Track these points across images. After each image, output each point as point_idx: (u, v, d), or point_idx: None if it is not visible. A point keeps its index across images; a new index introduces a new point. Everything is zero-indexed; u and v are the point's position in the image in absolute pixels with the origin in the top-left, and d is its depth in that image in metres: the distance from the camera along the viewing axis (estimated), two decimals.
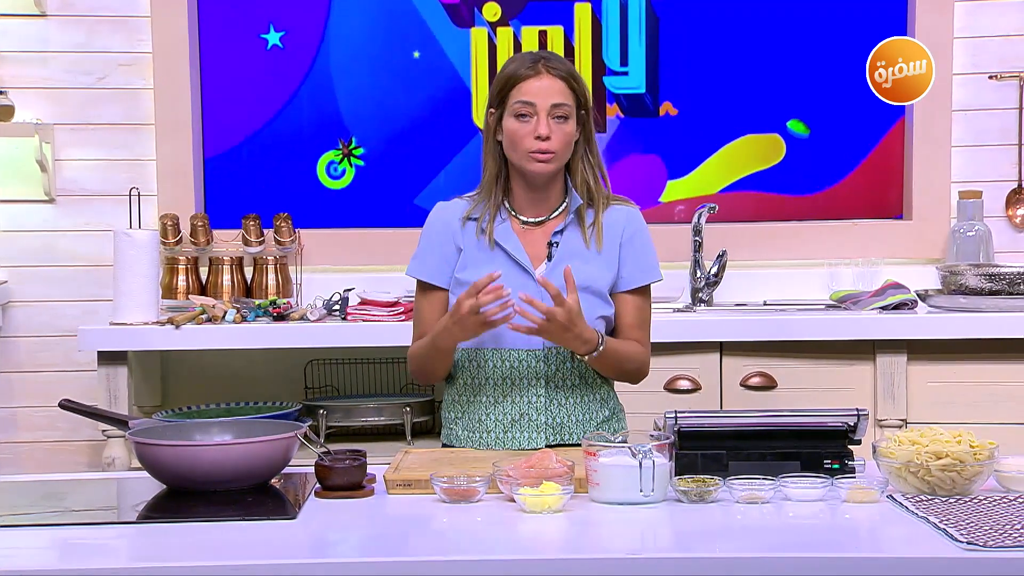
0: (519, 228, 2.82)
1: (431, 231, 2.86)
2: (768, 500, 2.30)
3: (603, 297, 2.80)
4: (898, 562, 2.03)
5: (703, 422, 2.47)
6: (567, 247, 2.80)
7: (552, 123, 2.74)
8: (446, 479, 2.35)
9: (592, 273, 2.78)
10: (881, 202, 4.40)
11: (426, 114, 4.32)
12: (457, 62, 4.35)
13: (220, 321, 3.85)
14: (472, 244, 2.81)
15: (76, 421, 3.98)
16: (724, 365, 3.81)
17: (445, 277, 2.82)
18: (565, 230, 2.81)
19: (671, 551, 2.12)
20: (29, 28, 4.20)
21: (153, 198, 4.22)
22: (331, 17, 4.32)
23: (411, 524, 2.26)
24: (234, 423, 2.68)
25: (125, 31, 4.22)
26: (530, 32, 4.34)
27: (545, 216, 2.83)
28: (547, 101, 2.74)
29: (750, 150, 4.39)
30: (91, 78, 4.22)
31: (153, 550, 2.15)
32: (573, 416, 2.79)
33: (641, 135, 4.37)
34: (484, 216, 2.81)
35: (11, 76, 4.18)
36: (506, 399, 2.77)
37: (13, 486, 2.61)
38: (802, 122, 4.38)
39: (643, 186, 4.39)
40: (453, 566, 2.04)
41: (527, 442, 2.76)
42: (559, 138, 2.74)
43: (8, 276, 4.21)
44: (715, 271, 4.18)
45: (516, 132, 2.75)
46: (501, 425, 2.78)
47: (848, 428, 2.47)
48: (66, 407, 2.69)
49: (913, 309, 3.90)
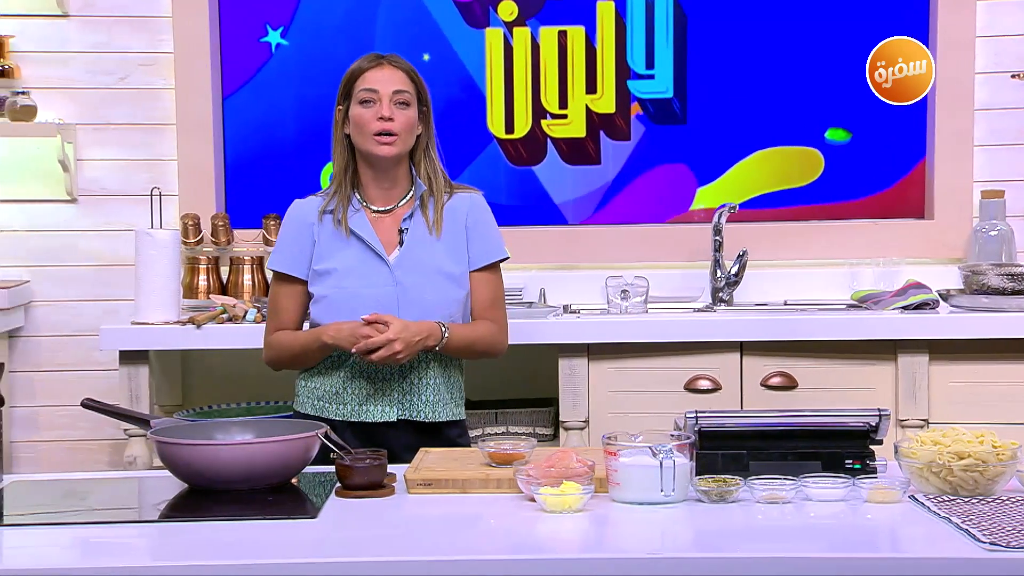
0: (371, 217, 2.99)
1: (288, 227, 3.03)
2: (789, 500, 2.30)
3: (454, 280, 2.97)
4: (920, 562, 2.02)
5: (724, 422, 2.47)
6: (415, 233, 2.98)
7: (394, 108, 2.94)
8: (492, 443, 2.49)
9: (440, 257, 2.96)
10: (903, 202, 4.38)
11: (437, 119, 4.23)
12: (470, 64, 4.32)
13: (241, 321, 3.86)
14: (328, 235, 2.98)
15: (97, 420, 3.99)
16: (744, 365, 3.81)
17: (303, 269, 2.99)
18: (413, 216, 2.99)
19: (691, 551, 2.12)
20: (51, 29, 4.21)
21: (174, 198, 4.23)
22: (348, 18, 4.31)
23: (431, 523, 2.26)
24: (255, 423, 2.69)
25: (146, 31, 4.24)
26: (549, 32, 4.30)
27: (394, 204, 3.00)
28: (389, 88, 2.94)
29: (785, 162, 4.32)
30: (112, 78, 4.24)
31: (174, 549, 2.16)
32: (423, 396, 2.94)
33: (668, 142, 4.32)
34: (338, 208, 2.96)
35: (33, 76, 4.20)
36: (362, 375, 2.93)
37: (35, 485, 2.62)
38: (843, 128, 4.32)
39: (671, 197, 4.34)
40: (473, 565, 2.04)
41: (380, 415, 2.92)
42: (401, 121, 2.94)
43: (30, 276, 4.23)
44: (735, 271, 4.17)
45: (361, 116, 2.94)
46: (357, 399, 2.94)
47: (870, 428, 2.46)
48: (88, 406, 2.71)
49: (935, 309, 3.89)
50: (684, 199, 4.34)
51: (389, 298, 2.90)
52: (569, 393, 3.79)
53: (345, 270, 2.94)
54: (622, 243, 4.29)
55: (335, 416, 2.94)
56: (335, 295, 2.93)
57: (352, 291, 2.91)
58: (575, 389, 3.79)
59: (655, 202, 4.33)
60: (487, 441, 2.57)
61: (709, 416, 2.46)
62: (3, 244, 4.23)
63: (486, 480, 2.43)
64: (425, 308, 2.92)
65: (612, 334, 3.80)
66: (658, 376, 3.80)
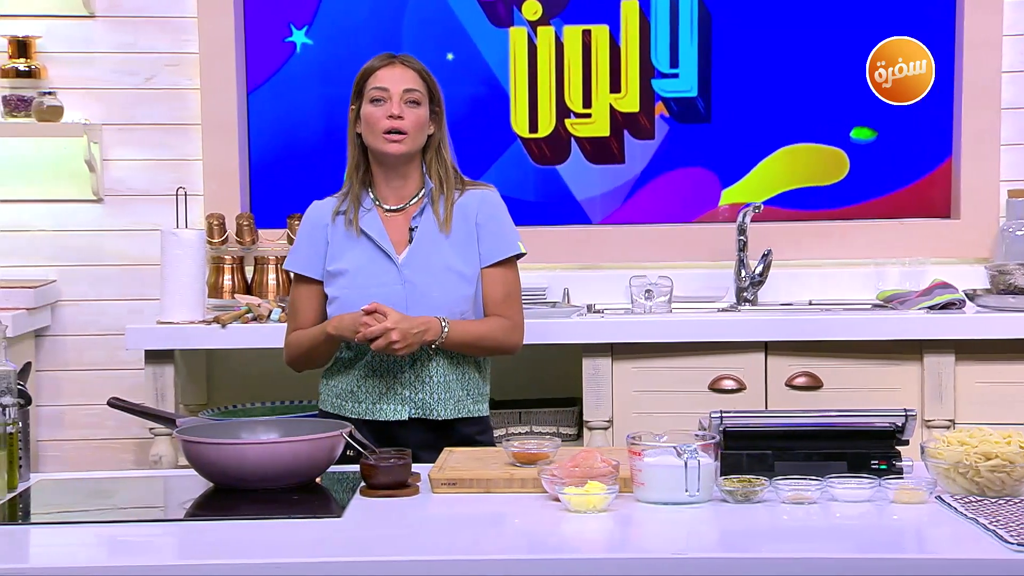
0: (383, 215, 3.01)
1: (304, 228, 3.07)
2: (815, 501, 2.29)
3: (464, 277, 2.97)
4: (947, 563, 2.01)
5: (749, 422, 2.46)
6: (425, 231, 2.98)
7: (405, 107, 2.95)
8: (517, 443, 2.50)
9: (448, 255, 2.96)
10: (929, 201, 4.36)
11: (461, 118, 4.25)
12: (494, 63, 4.31)
13: (265, 320, 3.87)
14: (340, 236, 3.00)
15: (123, 419, 4.01)
16: (769, 365, 3.80)
17: (317, 269, 3.01)
18: (423, 214, 2.99)
19: (717, 551, 2.11)
20: (77, 29, 4.23)
21: (199, 198, 4.24)
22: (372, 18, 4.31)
23: (456, 523, 2.27)
24: (280, 422, 2.70)
25: (172, 31, 4.25)
26: (573, 31, 4.30)
27: (405, 203, 3.01)
28: (399, 86, 2.95)
29: (809, 159, 4.30)
30: (138, 78, 4.26)
31: (200, 548, 2.17)
32: (435, 394, 2.94)
33: (692, 142, 4.31)
34: (350, 208, 3.00)
35: (60, 77, 4.22)
36: (376, 374, 2.94)
37: (61, 484, 2.63)
38: (868, 127, 4.31)
39: (695, 196, 4.32)
40: (498, 565, 2.04)
41: (392, 414, 2.94)
42: (412, 120, 2.95)
43: (57, 275, 4.25)
44: (760, 270, 4.16)
45: (372, 115, 2.96)
46: (371, 397, 2.95)
47: (896, 429, 2.45)
48: (115, 405, 2.72)
49: (961, 309, 3.87)
50: (709, 199, 4.33)
51: (398, 297, 2.91)
52: (593, 393, 3.79)
53: (356, 270, 2.96)
54: (646, 243, 4.29)
55: (351, 414, 2.95)
56: (347, 295, 2.94)
57: (362, 291, 2.92)
58: (599, 389, 3.78)
59: (679, 201, 4.32)
60: (511, 441, 2.57)
61: (734, 416, 2.45)
62: (30, 244, 4.25)
63: (510, 480, 2.43)
64: (433, 306, 2.92)
65: (636, 334, 3.79)
66: (682, 376, 3.79)
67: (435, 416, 2.94)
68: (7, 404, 2.41)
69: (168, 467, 3.74)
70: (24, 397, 2.50)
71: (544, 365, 3.97)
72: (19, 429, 2.45)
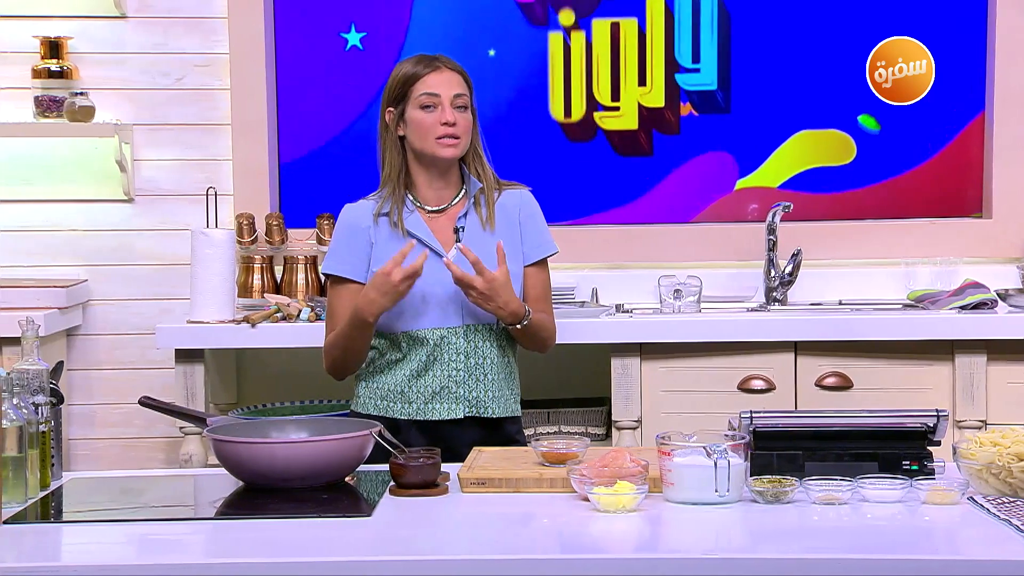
0: (425, 217, 3.00)
1: (342, 231, 3.04)
2: (845, 501, 2.28)
3: (511, 275, 2.93)
4: (978, 564, 2.00)
5: (779, 422, 2.46)
6: (471, 230, 2.99)
7: (456, 112, 2.95)
8: (546, 443, 2.50)
9: (496, 253, 2.94)
10: (959, 200, 4.34)
11: (501, 113, 4.32)
12: (532, 61, 4.35)
13: (295, 320, 3.88)
14: (385, 238, 2.98)
15: (152, 418, 4.03)
16: (799, 365, 3.78)
17: (360, 272, 2.98)
18: (468, 214, 3.00)
19: (746, 552, 2.11)
20: (109, 30, 4.25)
21: (229, 198, 4.26)
22: (412, 18, 4.34)
23: (485, 522, 2.27)
24: (309, 421, 2.71)
25: (202, 32, 4.27)
26: (601, 25, 4.33)
27: (447, 204, 3.02)
28: (450, 92, 2.96)
29: (819, 143, 4.34)
30: (169, 79, 4.27)
31: (229, 546, 2.18)
32: (490, 391, 2.94)
33: (712, 132, 4.35)
34: (393, 210, 2.98)
35: (91, 77, 4.24)
36: (428, 372, 2.93)
37: (93, 482, 2.64)
38: (873, 117, 4.33)
39: (713, 184, 4.36)
40: (527, 564, 2.04)
41: (446, 413, 2.92)
42: (463, 124, 2.97)
43: (88, 275, 4.27)
44: (789, 270, 4.14)
45: (424, 121, 2.95)
46: (422, 397, 2.93)
47: (927, 429, 2.44)
48: (146, 404, 2.73)
49: (993, 309, 3.85)
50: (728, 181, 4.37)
51: (451, 295, 2.91)
52: (622, 393, 3.78)
53: None
54: (675, 242, 4.28)
55: (400, 415, 2.93)
56: None
57: (414, 290, 2.89)
58: (627, 389, 3.78)
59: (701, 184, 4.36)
60: (540, 440, 2.57)
61: (764, 416, 2.45)
62: (61, 243, 4.28)
63: (539, 479, 2.43)
64: None
65: (665, 333, 3.79)
66: (711, 376, 3.78)
67: (489, 414, 2.94)
68: (40, 403, 2.43)
69: (198, 466, 3.76)
70: (56, 396, 2.51)
71: (573, 365, 3.96)
72: (51, 428, 2.47)
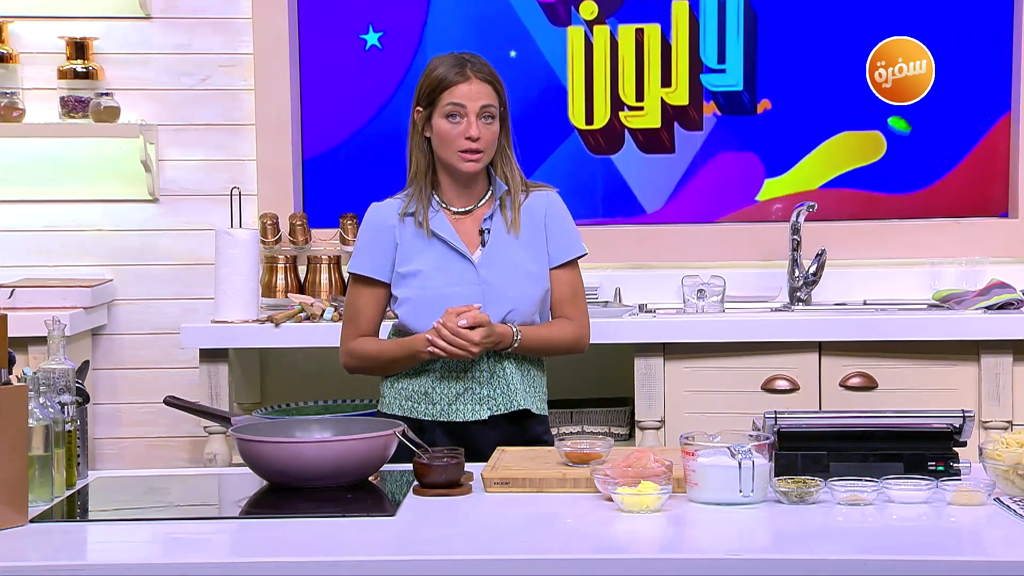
0: (451, 218, 2.99)
1: (368, 230, 3.03)
2: (870, 502, 2.27)
3: (534, 278, 2.97)
4: (1005, 565, 1.99)
5: (803, 422, 2.45)
6: (497, 232, 2.98)
7: (480, 124, 2.92)
8: (569, 443, 2.50)
9: (520, 256, 2.97)
10: (985, 200, 4.32)
11: (522, 113, 4.30)
12: (553, 61, 4.34)
13: (318, 319, 3.89)
14: (410, 238, 2.98)
15: (177, 417, 4.04)
16: (823, 365, 3.77)
17: (385, 272, 2.99)
18: (493, 216, 2.99)
19: (770, 552, 2.10)
20: (134, 31, 4.27)
21: (253, 198, 4.27)
22: (430, 17, 4.34)
23: (508, 522, 2.27)
24: (333, 420, 2.72)
25: (226, 32, 4.28)
26: (627, 30, 4.32)
27: (473, 205, 3.00)
28: (476, 104, 2.92)
29: (849, 146, 4.33)
30: (193, 79, 4.29)
31: (254, 545, 2.18)
32: (512, 385, 2.93)
33: (738, 133, 4.34)
34: (419, 210, 2.97)
35: (117, 78, 4.26)
36: (451, 375, 2.93)
37: (118, 481, 2.65)
38: (903, 119, 4.31)
39: (740, 185, 4.35)
40: (551, 565, 2.04)
41: (470, 414, 2.92)
42: (487, 138, 2.93)
43: (113, 274, 4.29)
44: (814, 270, 4.13)
45: (448, 132, 2.92)
46: (446, 398, 2.93)
47: (953, 430, 2.42)
48: (171, 403, 2.74)
49: (1019, 309, 3.83)
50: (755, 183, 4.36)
51: (475, 297, 2.90)
52: (645, 393, 3.78)
53: (430, 271, 2.94)
54: (698, 242, 4.28)
55: (424, 416, 2.93)
56: (420, 296, 2.93)
57: (438, 291, 2.91)
58: (651, 389, 3.77)
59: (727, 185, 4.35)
60: (564, 440, 2.56)
61: (788, 416, 2.44)
62: (86, 243, 4.30)
63: (563, 479, 2.43)
64: (509, 305, 2.92)
65: (688, 333, 3.78)
66: (735, 376, 3.77)
67: (513, 407, 2.93)
68: (66, 402, 2.44)
69: (222, 465, 3.77)
70: (82, 395, 2.52)
71: (596, 365, 3.96)
72: (77, 427, 2.48)
